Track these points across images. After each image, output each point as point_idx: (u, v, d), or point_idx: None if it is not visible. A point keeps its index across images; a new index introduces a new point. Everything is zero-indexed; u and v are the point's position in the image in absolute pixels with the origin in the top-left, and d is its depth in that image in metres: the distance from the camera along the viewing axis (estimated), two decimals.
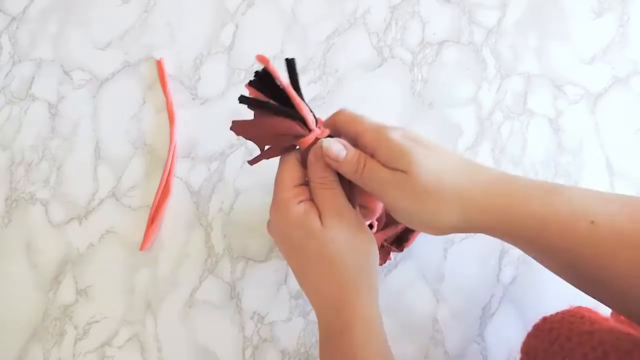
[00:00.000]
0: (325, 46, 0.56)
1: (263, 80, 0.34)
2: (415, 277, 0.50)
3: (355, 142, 0.35)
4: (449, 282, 0.50)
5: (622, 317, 0.42)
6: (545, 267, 0.35)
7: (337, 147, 0.34)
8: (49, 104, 0.55)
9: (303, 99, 0.34)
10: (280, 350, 0.48)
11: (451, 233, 0.35)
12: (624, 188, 0.52)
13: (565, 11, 0.58)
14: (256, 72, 0.34)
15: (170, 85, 0.55)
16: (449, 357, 0.48)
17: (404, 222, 0.35)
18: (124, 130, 0.54)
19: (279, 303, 0.49)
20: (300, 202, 0.35)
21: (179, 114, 0.54)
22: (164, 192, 0.51)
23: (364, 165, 0.34)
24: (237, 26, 0.57)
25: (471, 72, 0.56)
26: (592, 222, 0.31)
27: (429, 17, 0.58)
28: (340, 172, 0.35)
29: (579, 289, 0.34)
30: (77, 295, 0.50)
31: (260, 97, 0.35)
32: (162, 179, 0.52)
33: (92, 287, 0.50)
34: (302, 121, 0.35)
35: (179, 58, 0.56)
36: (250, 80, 0.35)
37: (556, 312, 0.40)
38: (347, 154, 0.34)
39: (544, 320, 0.40)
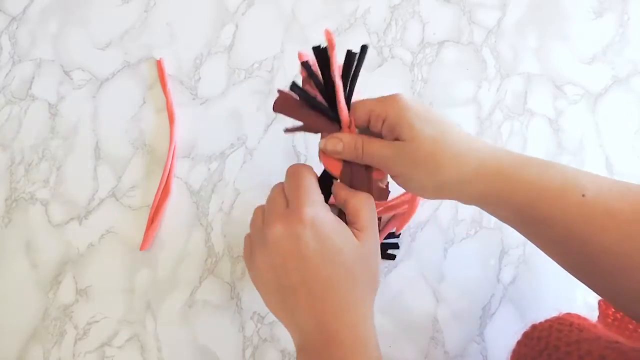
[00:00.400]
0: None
1: (320, 58, 0.35)
2: (415, 277, 0.50)
3: (367, 124, 0.36)
4: (449, 282, 0.50)
5: (609, 320, 0.42)
6: (531, 241, 0.35)
7: (332, 143, 0.36)
8: (49, 104, 0.55)
9: (349, 98, 0.35)
10: (280, 350, 0.48)
11: (444, 198, 0.36)
12: None
13: (565, 11, 0.58)
14: (318, 50, 0.35)
15: (170, 85, 0.55)
16: (449, 357, 0.48)
17: (403, 185, 0.36)
18: (124, 130, 0.54)
19: None
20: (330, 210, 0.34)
21: (179, 114, 0.54)
22: (164, 192, 0.51)
23: (363, 149, 0.35)
24: (237, 26, 0.57)
25: (471, 72, 0.56)
26: (584, 196, 0.31)
27: (429, 17, 0.58)
28: (343, 158, 0.36)
29: (565, 267, 0.34)
30: (77, 295, 0.50)
31: (308, 89, 0.35)
32: (162, 179, 0.52)
33: (92, 287, 0.50)
34: (339, 121, 0.36)
35: (179, 58, 0.56)
36: (304, 62, 0.35)
37: (545, 319, 0.40)
38: (343, 144, 0.35)
39: (533, 328, 0.40)
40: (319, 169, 0.37)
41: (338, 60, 0.35)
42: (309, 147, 0.53)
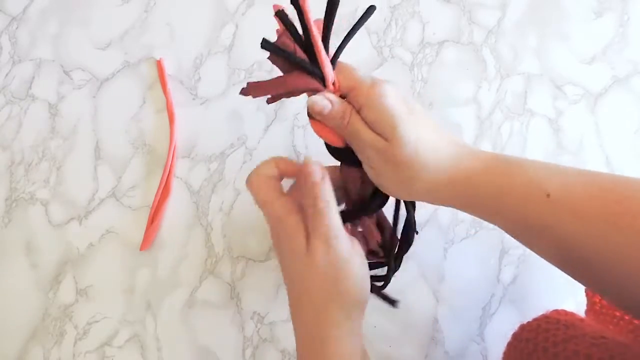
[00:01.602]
0: None
1: (300, 17, 0.32)
2: (415, 277, 0.50)
3: (349, 94, 0.35)
4: (449, 282, 0.50)
5: (597, 308, 0.42)
6: (511, 235, 0.35)
7: (322, 104, 0.34)
8: (49, 104, 0.55)
9: (327, 47, 0.33)
10: (280, 350, 0.48)
11: (419, 200, 0.36)
12: None
13: (565, 11, 0.58)
14: (293, 1, 0.32)
15: (170, 85, 0.55)
16: (449, 357, 0.48)
17: (374, 181, 0.35)
18: (124, 130, 0.54)
19: (279, 303, 0.49)
20: (295, 213, 0.34)
21: (179, 114, 0.54)
22: (164, 192, 0.51)
23: (348, 122, 0.34)
24: (237, 26, 0.57)
25: (471, 72, 0.56)
26: (548, 196, 0.31)
27: (429, 17, 0.58)
28: (325, 123, 0.35)
29: (546, 259, 0.34)
30: (77, 295, 0.50)
31: (286, 42, 0.33)
32: (162, 179, 0.52)
33: (92, 287, 0.50)
34: (322, 77, 0.33)
35: (179, 58, 0.56)
36: (278, 11, 0.32)
37: (533, 318, 0.41)
38: (332, 108, 0.34)
39: (522, 328, 0.40)
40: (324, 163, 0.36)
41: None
42: (309, 146, 0.53)
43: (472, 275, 0.50)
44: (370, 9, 0.33)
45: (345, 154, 0.36)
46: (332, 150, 0.36)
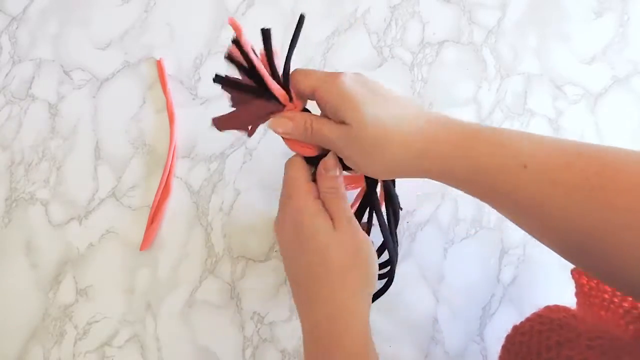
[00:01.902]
0: (325, 46, 0.56)
1: (241, 51, 0.34)
2: (415, 277, 0.50)
3: (313, 97, 0.36)
4: (449, 282, 0.50)
5: (586, 290, 0.41)
6: (491, 206, 0.35)
7: (280, 123, 0.36)
8: (49, 104, 0.55)
9: (286, 70, 0.35)
10: (280, 350, 0.48)
11: (394, 177, 0.38)
12: None
13: (565, 11, 0.58)
14: (232, 41, 0.34)
15: (170, 85, 0.55)
16: (449, 357, 0.48)
17: (354, 167, 0.37)
18: (124, 130, 0.54)
19: (279, 303, 0.49)
20: (316, 198, 0.37)
21: (179, 114, 0.54)
22: (164, 192, 0.51)
23: (312, 129, 0.36)
24: None
25: (471, 72, 0.56)
26: (525, 167, 0.31)
27: (429, 17, 0.58)
28: (295, 138, 0.37)
29: (527, 232, 0.34)
30: (77, 295, 0.50)
31: (238, 74, 0.35)
32: (162, 179, 0.52)
33: (92, 287, 0.50)
34: (276, 99, 0.35)
35: (179, 58, 0.56)
36: (228, 52, 0.34)
37: (526, 318, 0.40)
38: (292, 124, 0.36)
39: (515, 330, 0.40)
40: None
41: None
42: None
43: (472, 275, 0.50)
44: (301, 18, 0.35)
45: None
46: (310, 160, 0.38)
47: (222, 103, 0.41)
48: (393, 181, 0.41)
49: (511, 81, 0.56)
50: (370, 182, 0.40)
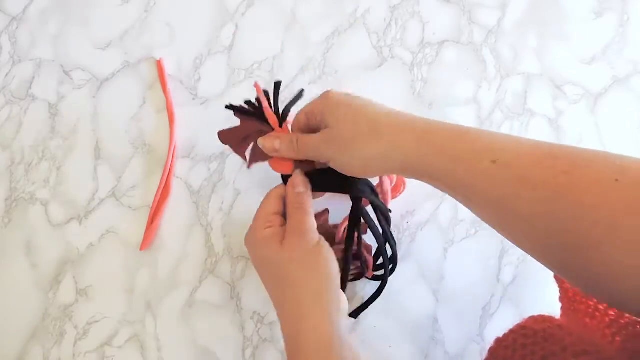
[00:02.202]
0: (325, 46, 0.56)
1: (258, 102, 0.42)
2: (415, 277, 0.50)
3: (309, 120, 0.39)
4: (449, 282, 0.50)
5: (570, 295, 0.41)
6: (463, 204, 0.35)
7: (269, 141, 0.40)
8: (49, 104, 0.55)
9: (277, 108, 0.41)
10: (280, 351, 0.48)
11: (373, 175, 0.39)
12: None
13: (565, 11, 0.58)
14: (256, 99, 0.41)
15: (170, 85, 0.55)
16: (449, 357, 0.48)
17: (336, 168, 0.38)
18: (124, 130, 0.54)
19: None
20: (268, 227, 0.39)
21: (179, 114, 0.54)
22: (164, 192, 0.51)
23: (297, 141, 0.39)
24: (237, 26, 0.57)
25: (471, 72, 0.56)
26: (494, 162, 0.31)
27: (429, 17, 0.58)
28: (283, 154, 0.40)
29: (499, 231, 0.34)
30: (77, 295, 0.50)
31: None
32: (162, 179, 0.52)
33: (92, 287, 0.50)
34: (269, 122, 0.41)
35: (179, 58, 0.56)
36: (245, 101, 0.42)
37: (509, 330, 0.39)
38: (280, 141, 0.39)
39: (498, 343, 0.39)
40: None
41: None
42: None
43: (472, 275, 0.50)
44: (300, 93, 0.40)
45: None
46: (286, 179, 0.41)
47: (222, 103, 0.41)
48: (376, 193, 0.42)
49: (511, 81, 0.56)
50: (354, 197, 0.41)
